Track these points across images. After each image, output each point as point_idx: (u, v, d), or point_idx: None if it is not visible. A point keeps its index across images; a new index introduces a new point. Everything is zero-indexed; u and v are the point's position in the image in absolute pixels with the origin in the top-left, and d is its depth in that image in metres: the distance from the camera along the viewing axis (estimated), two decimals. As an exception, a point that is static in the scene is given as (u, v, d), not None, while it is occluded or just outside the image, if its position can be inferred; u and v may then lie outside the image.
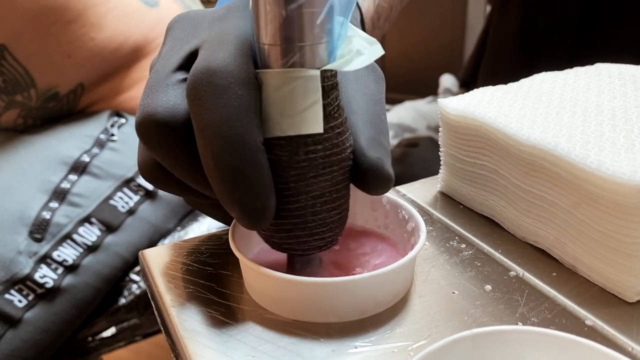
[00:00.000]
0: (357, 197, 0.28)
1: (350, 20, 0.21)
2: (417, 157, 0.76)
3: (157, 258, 0.28)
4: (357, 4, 0.34)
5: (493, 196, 0.29)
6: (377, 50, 0.20)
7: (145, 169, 0.23)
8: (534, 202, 0.26)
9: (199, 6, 0.72)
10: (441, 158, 0.32)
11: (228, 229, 0.29)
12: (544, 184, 0.25)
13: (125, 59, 0.61)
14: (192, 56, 0.21)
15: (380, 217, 0.28)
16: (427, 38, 2.31)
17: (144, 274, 0.27)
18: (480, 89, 0.31)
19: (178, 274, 0.26)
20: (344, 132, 0.21)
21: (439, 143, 0.31)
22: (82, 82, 0.60)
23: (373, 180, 0.21)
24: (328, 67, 0.19)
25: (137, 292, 0.60)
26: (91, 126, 0.60)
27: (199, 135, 0.19)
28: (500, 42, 0.83)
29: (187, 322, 0.23)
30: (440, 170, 0.32)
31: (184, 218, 0.64)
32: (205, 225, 0.63)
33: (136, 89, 0.63)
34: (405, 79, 2.38)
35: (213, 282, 0.26)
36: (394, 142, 0.95)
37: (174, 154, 0.21)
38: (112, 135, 0.60)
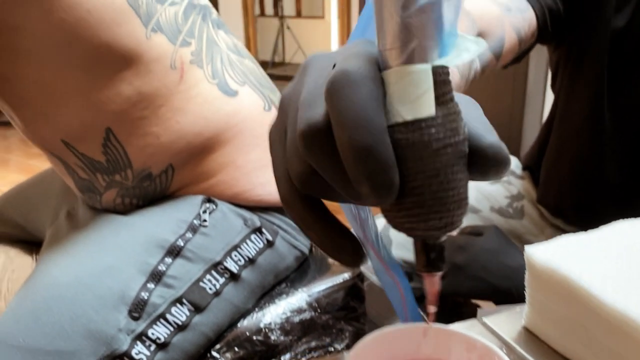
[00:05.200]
0: (452, 340, 0.31)
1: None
2: (481, 247, 0.78)
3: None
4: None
5: (576, 343, 0.31)
6: (481, 46, 0.24)
7: (302, 177, 0.26)
8: (616, 358, 0.29)
9: (278, 95, 0.77)
10: (526, 297, 0.35)
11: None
12: (625, 344, 0.28)
13: (208, 142, 0.67)
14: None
15: (473, 358, 0.31)
16: (486, 105, 2.33)
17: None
18: (564, 238, 0.34)
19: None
20: (457, 119, 0.24)
21: (525, 284, 0.34)
22: (171, 163, 0.66)
23: (492, 160, 0.24)
24: (438, 62, 0.23)
25: (216, 368, 0.64)
26: (185, 212, 0.66)
27: (337, 125, 0.23)
28: (565, 134, 0.86)
29: None
30: (525, 307, 0.35)
31: (261, 299, 0.69)
32: (281, 308, 0.67)
33: (222, 174, 0.69)
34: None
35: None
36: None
37: (330, 157, 0.24)
38: (204, 220, 0.66)
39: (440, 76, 0.24)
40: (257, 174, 0.70)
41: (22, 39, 0.57)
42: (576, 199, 0.87)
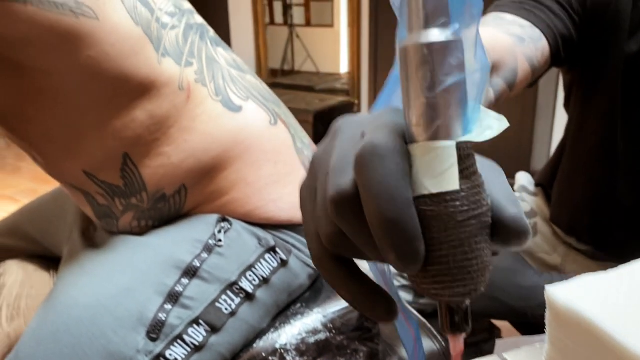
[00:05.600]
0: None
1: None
2: (496, 267, 0.79)
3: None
4: None
5: (597, 382, 0.32)
6: (504, 124, 0.25)
7: (331, 238, 0.27)
8: (639, 399, 0.29)
9: (283, 109, 0.78)
10: (547, 335, 0.35)
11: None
12: (649, 387, 0.28)
13: (217, 159, 0.67)
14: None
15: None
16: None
17: None
18: (586, 277, 0.34)
19: None
20: (480, 192, 0.25)
21: (545, 322, 0.35)
22: (183, 183, 0.67)
23: (515, 232, 0.25)
24: (462, 139, 0.24)
25: (231, 388, 0.64)
26: (200, 231, 0.67)
27: (365, 196, 0.24)
28: (578, 156, 0.86)
29: None
30: (545, 344, 0.36)
31: (276, 319, 0.69)
32: (296, 329, 0.67)
33: (235, 192, 0.69)
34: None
35: None
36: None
37: (359, 224, 0.25)
38: (219, 240, 0.66)
39: (464, 151, 0.25)
40: (268, 190, 0.71)
41: (49, 81, 0.58)
42: (589, 219, 0.87)
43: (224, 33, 4.05)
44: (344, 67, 4.32)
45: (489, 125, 0.25)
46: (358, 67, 3.51)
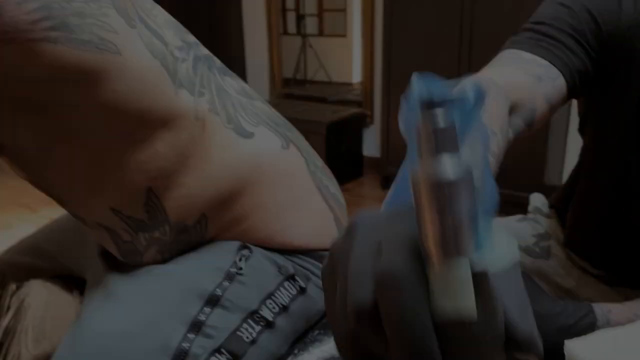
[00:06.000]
0: None
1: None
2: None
3: None
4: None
5: None
6: (516, 252, 0.26)
7: (349, 339, 0.28)
8: None
9: (294, 133, 0.79)
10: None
11: None
12: None
13: (234, 186, 0.69)
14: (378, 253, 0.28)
15: None
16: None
17: None
18: (605, 333, 0.35)
19: None
20: (495, 312, 0.26)
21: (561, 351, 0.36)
22: (203, 212, 0.68)
23: (526, 349, 0.26)
24: (477, 265, 0.26)
25: (251, 413, 0.66)
26: (222, 259, 0.68)
27: (386, 320, 0.26)
28: (593, 184, 0.87)
29: None
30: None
31: (294, 345, 0.71)
32: (314, 356, 0.68)
33: (254, 217, 0.71)
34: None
35: None
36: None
37: (378, 337, 0.27)
38: (240, 268, 0.68)
39: (480, 276, 0.26)
40: (286, 214, 0.72)
41: (74, 120, 0.60)
42: (602, 245, 0.87)
43: (238, 43, 4.09)
44: (356, 77, 4.33)
45: (501, 249, 0.26)
46: (371, 77, 3.52)
